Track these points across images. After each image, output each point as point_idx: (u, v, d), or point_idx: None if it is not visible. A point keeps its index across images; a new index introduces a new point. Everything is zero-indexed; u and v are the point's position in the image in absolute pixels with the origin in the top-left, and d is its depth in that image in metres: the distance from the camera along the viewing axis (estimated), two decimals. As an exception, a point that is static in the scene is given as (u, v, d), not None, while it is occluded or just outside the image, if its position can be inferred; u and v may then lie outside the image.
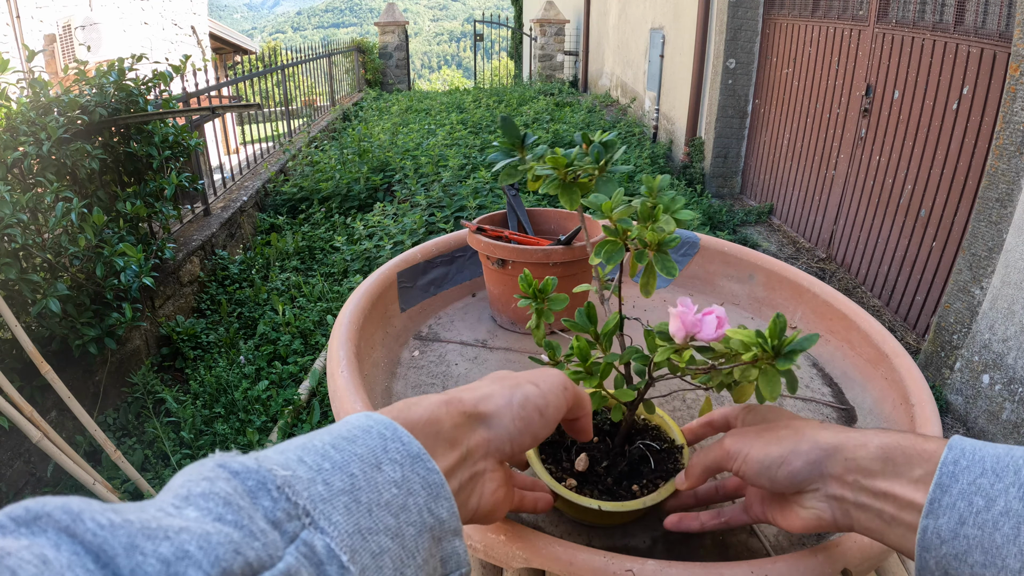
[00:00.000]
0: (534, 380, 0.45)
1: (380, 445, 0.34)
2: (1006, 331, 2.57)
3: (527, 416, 0.42)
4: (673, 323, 0.52)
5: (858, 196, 4.00)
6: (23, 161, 2.45)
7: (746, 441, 0.48)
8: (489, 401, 0.42)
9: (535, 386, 0.44)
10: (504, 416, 0.41)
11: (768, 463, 0.46)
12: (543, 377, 0.46)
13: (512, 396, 0.42)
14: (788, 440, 0.46)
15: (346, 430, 0.34)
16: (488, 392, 0.42)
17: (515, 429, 0.41)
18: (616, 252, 0.58)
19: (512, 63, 13.90)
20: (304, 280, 3.85)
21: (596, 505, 0.56)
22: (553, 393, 0.44)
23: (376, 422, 0.35)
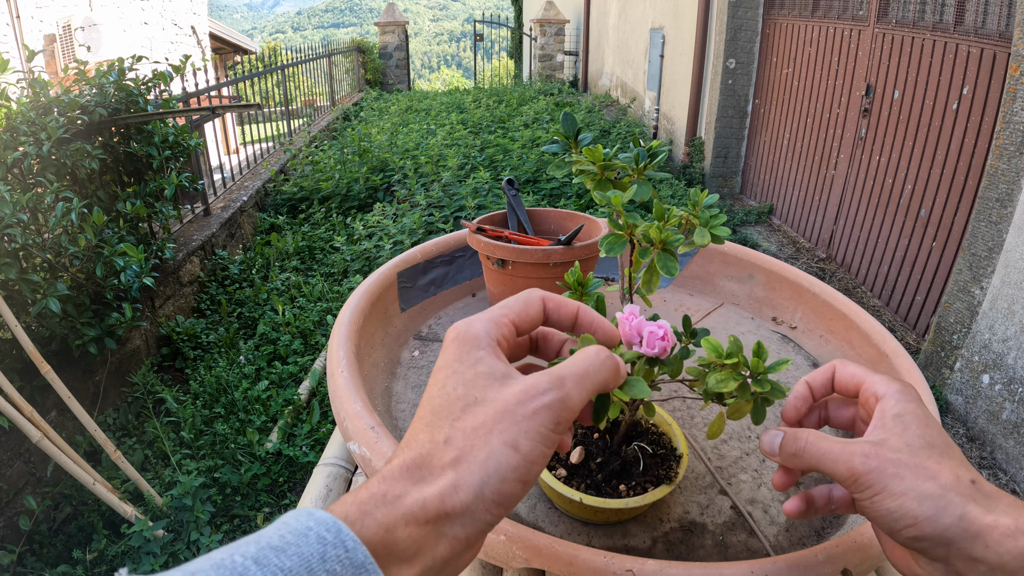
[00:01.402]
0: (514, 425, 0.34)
1: (317, 552, 0.28)
2: (1006, 331, 2.57)
3: (504, 501, 0.33)
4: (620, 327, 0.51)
5: (858, 196, 4.00)
6: (23, 161, 2.45)
7: (883, 474, 0.40)
8: (454, 500, 0.32)
9: (512, 449, 0.33)
10: (477, 510, 0.32)
11: (898, 516, 0.39)
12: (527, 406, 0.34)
13: (482, 483, 0.32)
14: (930, 502, 0.38)
15: (278, 536, 0.28)
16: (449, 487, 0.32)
17: (492, 518, 0.33)
18: (619, 244, 0.58)
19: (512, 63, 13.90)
20: (304, 280, 3.85)
21: (578, 497, 0.58)
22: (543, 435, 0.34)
23: (317, 522, 0.29)
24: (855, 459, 0.40)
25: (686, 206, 0.61)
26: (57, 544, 2.15)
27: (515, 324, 0.39)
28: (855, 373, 0.47)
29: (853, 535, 0.54)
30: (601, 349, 0.38)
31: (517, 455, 0.33)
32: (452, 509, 0.32)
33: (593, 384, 0.36)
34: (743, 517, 0.66)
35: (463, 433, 0.34)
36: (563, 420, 0.35)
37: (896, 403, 0.43)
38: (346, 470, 0.77)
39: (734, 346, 0.47)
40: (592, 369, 0.37)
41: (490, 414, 0.34)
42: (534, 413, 0.34)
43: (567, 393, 0.35)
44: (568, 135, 0.66)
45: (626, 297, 0.65)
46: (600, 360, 0.37)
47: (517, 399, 0.34)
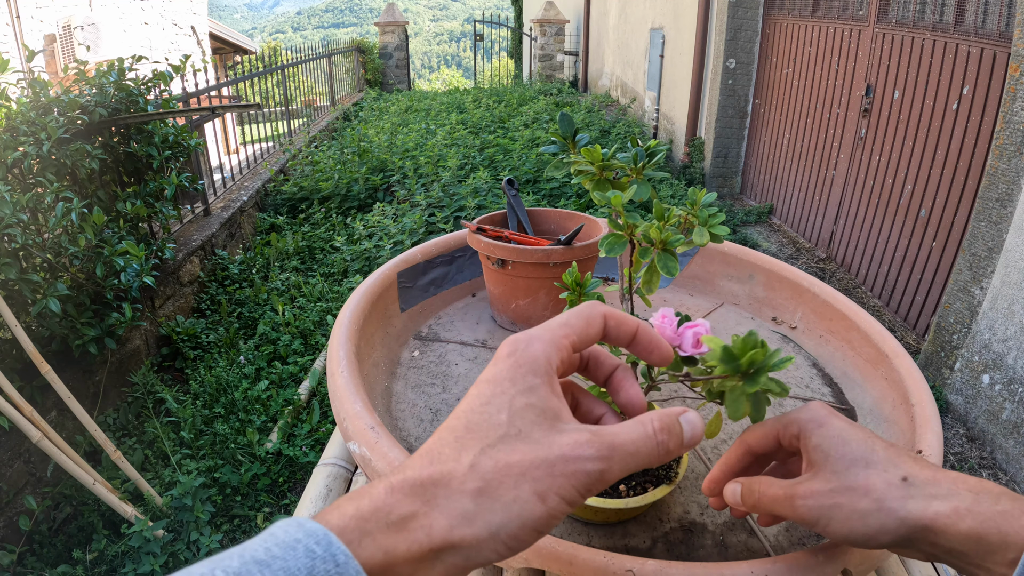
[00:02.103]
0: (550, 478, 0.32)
1: (305, 567, 0.26)
2: (1006, 331, 2.57)
3: (516, 546, 0.32)
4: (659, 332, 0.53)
5: (858, 196, 4.00)
6: (23, 161, 2.45)
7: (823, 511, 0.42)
8: (465, 532, 0.30)
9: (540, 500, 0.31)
10: (486, 548, 0.31)
11: (853, 538, 0.41)
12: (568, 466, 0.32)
13: (501, 525, 0.31)
14: (872, 518, 0.40)
15: (263, 549, 0.27)
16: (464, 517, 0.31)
17: (496, 557, 0.32)
18: (619, 244, 0.58)
19: (512, 63, 13.90)
20: (304, 280, 3.85)
21: None
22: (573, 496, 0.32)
23: (307, 534, 0.27)
24: (797, 504, 0.42)
25: (685, 206, 0.61)
26: (57, 544, 2.15)
27: (574, 346, 0.38)
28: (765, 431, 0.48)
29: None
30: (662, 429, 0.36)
31: (543, 508, 0.31)
32: (460, 541, 0.30)
33: (638, 464, 0.35)
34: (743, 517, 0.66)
35: (495, 465, 0.32)
36: (595, 489, 0.33)
37: (811, 434, 0.44)
38: (346, 470, 0.77)
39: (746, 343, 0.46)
40: (644, 451, 0.35)
41: (528, 457, 0.32)
42: (572, 474, 0.32)
43: (610, 467, 0.33)
44: (566, 135, 0.66)
45: (626, 297, 0.65)
46: (655, 443, 0.35)
47: (561, 453, 0.32)
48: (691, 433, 0.38)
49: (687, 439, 0.37)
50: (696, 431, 0.38)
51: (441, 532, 0.30)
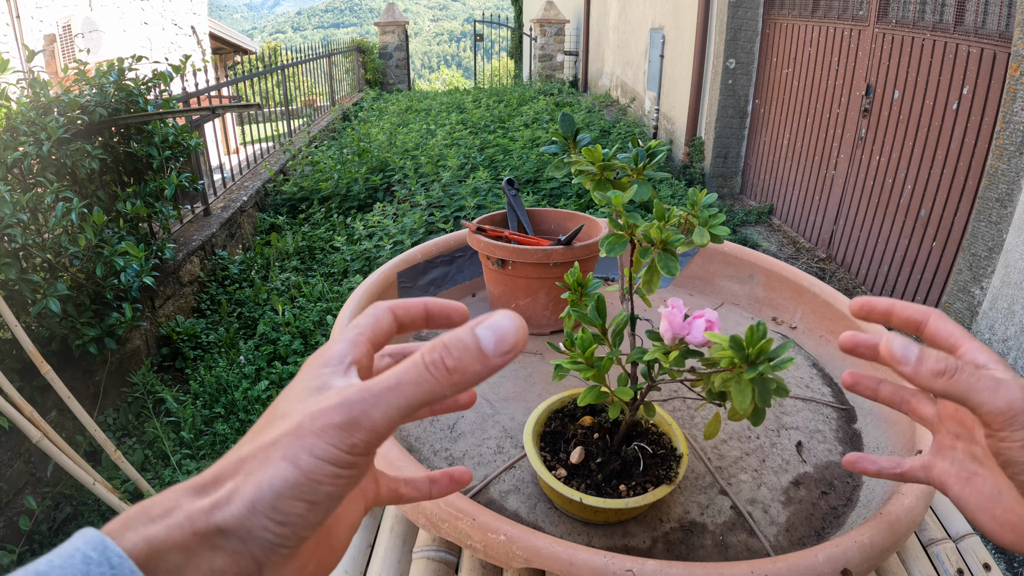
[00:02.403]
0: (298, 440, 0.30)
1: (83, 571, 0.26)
2: (1006, 331, 2.57)
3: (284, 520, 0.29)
4: (663, 324, 0.53)
5: (858, 196, 4.00)
6: (23, 161, 2.45)
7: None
8: (225, 512, 0.29)
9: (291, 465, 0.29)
10: (252, 526, 0.29)
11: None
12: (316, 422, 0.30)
13: (255, 498, 0.29)
14: None
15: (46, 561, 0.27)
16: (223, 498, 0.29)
17: (274, 537, 0.29)
18: (620, 244, 0.58)
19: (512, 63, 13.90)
20: (304, 280, 3.85)
21: (578, 497, 0.58)
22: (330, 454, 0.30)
23: (85, 541, 0.27)
24: (1016, 394, 0.37)
25: (685, 206, 0.61)
26: (57, 544, 2.15)
27: (371, 342, 0.36)
28: (954, 332, 0.43)
29: (853, 535, 0.54)
30: (432, 350, 0.31)
31: (295, 471, 0.29)
32: (223, 522, 0.29)
33: (407, 398, 0.30)
34: (743, 517, 0.66)
35: (252, 447, 0.31)
36: (360, 442, 0.30)
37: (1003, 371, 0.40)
38: (346, 470, 0.77)
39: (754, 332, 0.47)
40: (407, 379, 0.30)
41: (284, 428, 0.30)
42: (321, 430, 0.30)
43: (364, 411, 0.30)
44: (566, 135, 0.66)
45: (626, 297, 0.65)
46: (422, 365, 0.30)
47: (311, 414, 0.30)
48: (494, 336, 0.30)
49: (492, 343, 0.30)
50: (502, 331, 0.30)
51: (202, 515, 0.29)
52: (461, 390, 0.30)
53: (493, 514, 0.55)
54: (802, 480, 0.71)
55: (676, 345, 0.53)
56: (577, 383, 0.84)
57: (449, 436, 0.76)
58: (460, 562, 0.62)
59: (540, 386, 0.86)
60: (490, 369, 0.30)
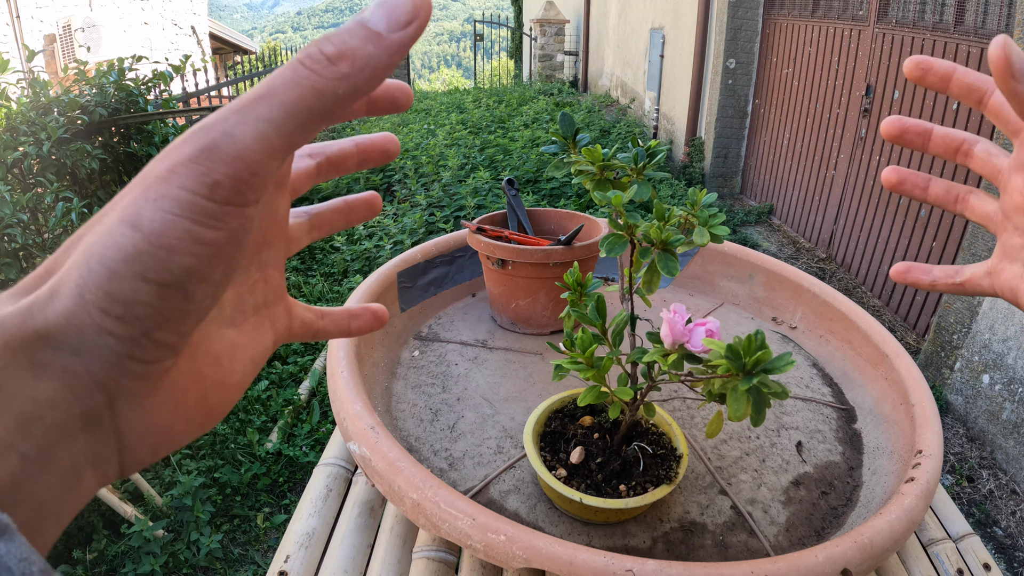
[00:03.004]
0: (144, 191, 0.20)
1: None
2: (1006, 331, 2.57)
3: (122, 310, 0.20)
4: (663, 328, 0.53)
5: (858, 196, 4.00)
6: (23, 161, 2.45)
7: None
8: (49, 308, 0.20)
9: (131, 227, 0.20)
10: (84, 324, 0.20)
11: None
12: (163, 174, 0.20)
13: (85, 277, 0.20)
14: None
15: None
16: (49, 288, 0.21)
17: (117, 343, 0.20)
18: (620, 244, 0.58)
19: (512, 63, 13.90)
20: (304, 280, 3.85)
21: (578, 497, 0.58)
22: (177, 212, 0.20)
23: None
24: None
25: (685, 206, 0.61)
26: (57, 544, 2.15)
27: None
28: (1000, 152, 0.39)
29: (853, 535, 0.54)
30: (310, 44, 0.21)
31: (135, 235, 0.20)
32: (45, 324, 0.20)
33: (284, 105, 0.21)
34: (743, 517, 0.66)
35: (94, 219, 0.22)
36: (224, 178, 0.20)
37: None
38: (346, 470, 0.77)
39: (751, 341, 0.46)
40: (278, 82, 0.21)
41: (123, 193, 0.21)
42: (168, 172, 0.20)
43: (223, 132, 0.20)
44: (566, 135, 0.66)
45: (626, 297, 0.65)
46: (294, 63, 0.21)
47: (156, 157, 0.21)
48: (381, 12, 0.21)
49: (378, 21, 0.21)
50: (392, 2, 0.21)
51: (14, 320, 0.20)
52: (355, 85, 0.21)
53: (493, 514, 0.55)
54: (802, 480, 0.71)
55: (676, 350, 0.53)
56: (577, 383, 0.84)
57: (449, 436, 0.76)
58: (460, 562, 0.62)
59: (540, 386, 0.86)
60: (387, 49, 0.21)
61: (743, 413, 0.46)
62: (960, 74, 0.37)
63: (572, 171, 0.64)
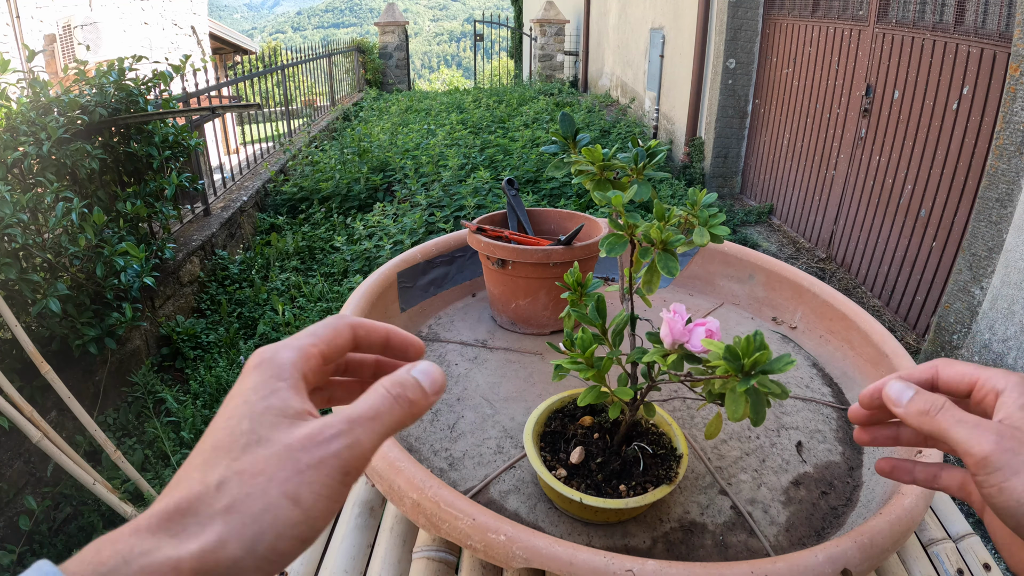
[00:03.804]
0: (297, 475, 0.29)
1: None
2: (1006, 331, 2.57)
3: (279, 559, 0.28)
4: (663, 328, 0.53)
5: (858, 196, 4.00)
6: (23, 161, 2.45)
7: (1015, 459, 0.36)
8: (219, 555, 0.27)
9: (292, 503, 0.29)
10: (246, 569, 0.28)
11: None
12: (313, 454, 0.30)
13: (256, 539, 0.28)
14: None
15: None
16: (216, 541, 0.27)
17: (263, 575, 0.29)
18: (620, 244, 0.58)
19: (512, 63, 13.89)
20: (304, 280, 3.85)
21: (578, 497, 0.58)
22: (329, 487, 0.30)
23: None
24: (989, 436, 0.36)
25: (685, 206, 0.61)
26: (57, 544, 2.15)
27: (323, 356, 0.36)
28: (965, 371, 0.42)
29: (853, 535, 0.54)
30: (394, 384, 0.33)
31: (297, 510, 0.28)
32: (216, 566, 0.27)
33: (386, 426, 0.32)
34: (743, 517, 0.66)
35: (240, 477, 0.29)
36: (353, 469, 0.30)
37: (1021, 394, 0.39)
38: (346, 470, 0.77)
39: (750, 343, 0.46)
40: (384, 409, 0.32)
41: (272, 459, 0.29)
42: (320, 462, 0.29)
43: (356, 439, 0.30)
44: (566, 135, 0.66)
45: (626, 297, 0.65)
46: (392, 397, 0.33)
47: (302, 444, 0.30)
48: (428, 379, 0.34)
49: (428, 385, 0.34)
50: (433, 375, 0.35)
51: (191, 563, 0.26)
52: (412, 422, 0.34)
53: (493, 514, 0.55)
54: (802, 480, 0.71)
55: (676, 350, 0.53)
56: (577, 383, 0.84)
57: (449, 436, 0.76)
58: (460, 562, 0.62)
59: (540, 386, 0.86)
60: (430, 406, 0.34)
61: (741, 414, 0.46)
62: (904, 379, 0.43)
63: (572, 171, 0.64)
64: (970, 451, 0.37)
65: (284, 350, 0.34)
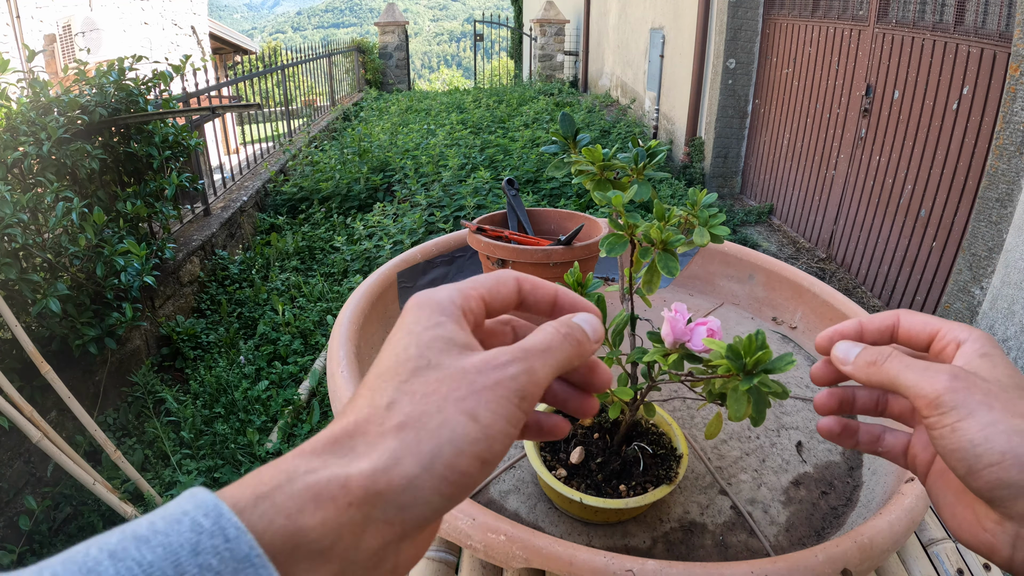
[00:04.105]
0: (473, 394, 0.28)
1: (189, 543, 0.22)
2: (1006, 331, 2.57)
3: (459, 480, 0.27)
4: (664, 327, 0.53)
5: (858, 196, 4.00)
6: (23, 161, 2.45)
7: (971, 398, 0.34)
8: (393, 473, 0.26)
9: (470, 419, 0.28)
10: (423, 488, 0.26)
11: (981, 450, 0.32)
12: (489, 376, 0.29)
13: (434, 454, 0.26)
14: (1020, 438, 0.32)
15: (147, 523, 0.23)
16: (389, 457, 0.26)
17: (443, 502, 0.27)
18: (620, 244, 0.58)
19: (512, 63, 13.90)
20: (304, 280, 3.85)
21: (578, 497, 0.58)
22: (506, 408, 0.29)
23: (196, 506, 0.23)
24: (941, 376, 0.35)
25: (685, 206, 0.61)
26: (57, 544, 2.15)
27: (485, 300, 0.34)
28: (927, 321, 0.41)
29: (853, 535, 0.54)
30: (562, 324, 0.34)
31: (476, 426, 0.27)
32: (389, 485, 0.25)
33: (557, 360, 0.32)
34: (743, 517, 0.66)
35: (411, 397, 0.28)
36: (529, 395, 0.30)
37: (982, 345, 0.38)
38: (346, 470, 0.77)
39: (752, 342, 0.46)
40: (555, 344, 0.32)
41: (445, 380, 0.29)
42: (497, 384, 0.29)
43: (531, 366, 0.30)
44: (566, 135, 0.66)
45: (626, 297, 0.65)
46: (561, 335, 0.33)
47: (477, 368, 0.29)
48: (590, 327, 0.35)
49: (591, 332, 0.34)
50: (595, 324, 0.35)
51: (361, 481, 0.25)
52: (577, 364, 0.34)
53: (493, 514, 0.55)
54: (802, 480, 0.71)
55: (677, 349, 0.53)
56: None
57: (449, 436, 0.76)
58: (460, 562, 0.62)
59: (540, 386, 0.86)
60: (593, 351, 0.35)
61: (744, 413, 0.46)
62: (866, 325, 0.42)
63: (572, 171, 0.64)
64: (921, 392, 0.35)
65: (443, 290, 0.34)
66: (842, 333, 0.43)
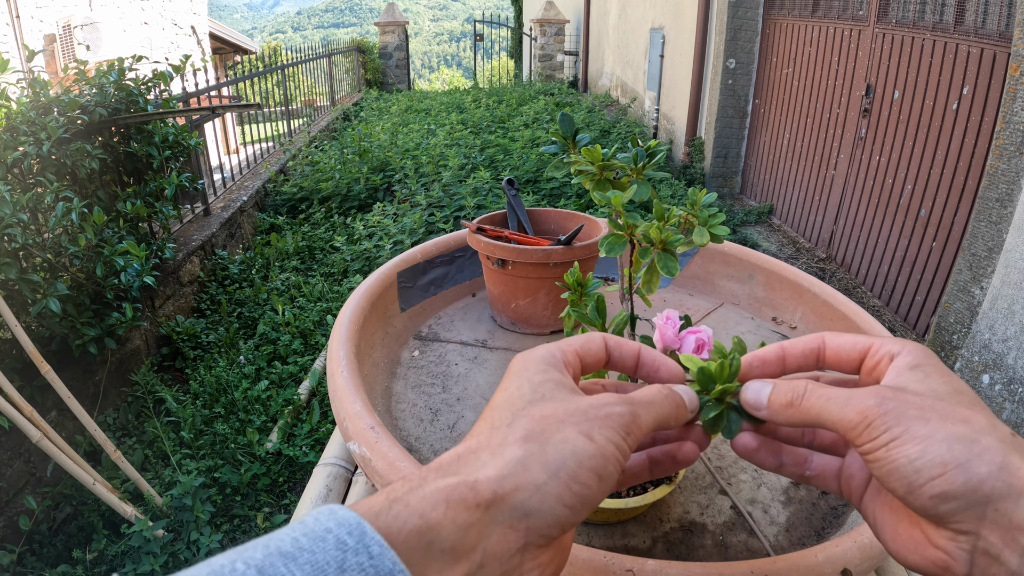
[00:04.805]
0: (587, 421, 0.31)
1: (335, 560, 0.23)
2: (1006, 331, 2.57)
3: (580, 491, 0.28)
4: (655, 335, 0.53)
5: (858, 196, 4.00)
6: (23, 161, 2.45)
7: (903, 415, 0.31)
8: (520, 478, 0.27)
9: (587, 438, 0.30)
10: (549, 495, 0.28)
11: (920, 465, 0.30)
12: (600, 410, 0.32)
13: (558, 464, 0.28)
14: (962, 445, 0.30)
15: (291, 540, 0.24)
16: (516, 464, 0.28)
17: (565, 512, 0.28)
18: (619, 244, 0.58)
19: (512, 63, 13.90)
20: (304, 280, 3.85)
21: None
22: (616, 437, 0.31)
23: (338, 523, 0.24)
24: (868, 401, 0.32)
25: (685, 206, 0.61)
26: (57, 544, 2.15)
27: (579, 355, 0.37)
28: (856, 340, 0.38)
29: (853, 535, 0.54)
30: (665, 387, 0.37)
31: (593, 444, 0.30)
32: (516, 488, 0.27)
33: (659, 413, 0.35)
34: (743, 517, 0.66)
35: (530, 419, 0.31)
36: (633, 433, 0.33)
37: (914, 358, 0.35)
38: (346, 470, 0.77)
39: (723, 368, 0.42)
40: (657, 400, 0.36)
41: (559, 409, 0.32)
42: (607, 416, 0.32)
43: (636, 412, 0.33)
44: (566, 135, 0.66)
45: (626, 297, 0.65)
46: (663, 395, 0.36)
47: (589, 403, 0.33)
48: (688, 396, 0.38)
49: (688, 400, 0.38)
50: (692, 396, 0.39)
51: (489, 484, 0.27)
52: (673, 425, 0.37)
53: (493, 514, 0.55)
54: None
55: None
56: (577, 383, 0.84)
57: (449, 436, 0.76)
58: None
59: (540, 386, 0.85)
60: (687, 419, 0.38)
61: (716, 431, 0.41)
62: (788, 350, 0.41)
63: (572, 171, 0.64)
64: (850, 423, 0.33)
65: (542, 348, 0.37)
66: (762, 359, 0.40)
